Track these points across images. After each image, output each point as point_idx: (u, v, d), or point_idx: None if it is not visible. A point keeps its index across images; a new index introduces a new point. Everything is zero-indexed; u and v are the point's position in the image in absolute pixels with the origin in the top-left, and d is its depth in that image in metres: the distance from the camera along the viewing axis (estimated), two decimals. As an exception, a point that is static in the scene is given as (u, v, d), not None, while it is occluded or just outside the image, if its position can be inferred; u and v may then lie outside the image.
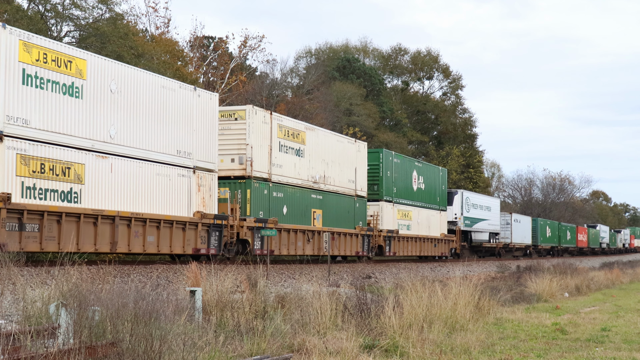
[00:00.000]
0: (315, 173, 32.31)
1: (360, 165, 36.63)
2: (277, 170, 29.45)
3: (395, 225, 40.61)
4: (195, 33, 55.99)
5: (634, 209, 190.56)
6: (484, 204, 58.59)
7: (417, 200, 43.96)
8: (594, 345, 15.07)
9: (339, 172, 34.46)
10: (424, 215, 44.95)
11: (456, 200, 52.63)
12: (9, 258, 13.58)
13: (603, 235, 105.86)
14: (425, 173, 45.92)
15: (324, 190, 32.94)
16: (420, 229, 44.28)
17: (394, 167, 40.94)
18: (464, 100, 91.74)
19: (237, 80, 52.98)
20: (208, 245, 25.23)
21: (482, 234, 58.28)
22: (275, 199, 29.26)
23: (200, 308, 14.09)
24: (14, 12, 36.11)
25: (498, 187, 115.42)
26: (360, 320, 14.67)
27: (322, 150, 32.98)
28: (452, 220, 51.99)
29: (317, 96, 61.33)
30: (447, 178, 50.21)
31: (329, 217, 33.26)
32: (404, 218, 42.12)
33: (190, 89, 25.00)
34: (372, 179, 38.98)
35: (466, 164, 79.23)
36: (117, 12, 43.13)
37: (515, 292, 26.42)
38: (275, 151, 29.41)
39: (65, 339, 9.95)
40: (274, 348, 11.87)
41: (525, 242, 70.79)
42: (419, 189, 44.47)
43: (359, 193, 36.26)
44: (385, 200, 39.75)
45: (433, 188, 47.03)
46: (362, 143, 37.66)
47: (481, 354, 13.44)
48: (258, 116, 28.36)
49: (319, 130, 33.52)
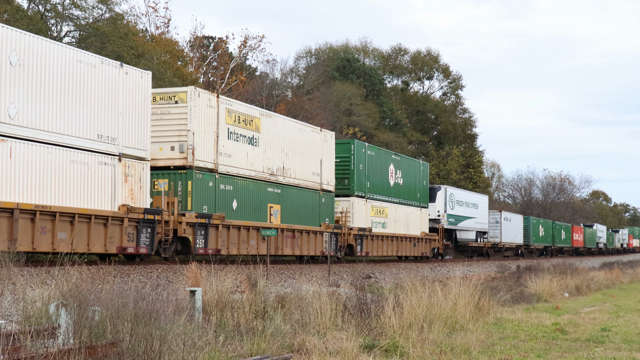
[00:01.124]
0: (273, 164, 29.20)
1: (327, 156, 33.65)
2: (225, 160, 26.49)
3: (368, 222, 37.53)
4: (195, 33, 56.08)
5: (634, 209, 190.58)
6: (470, 200, 55.60)
7: (393, 196, 40.89)
8: (594, 345, 15.07)
9: (301, 164, 31.34)
10: (401, 212, 41.89)
11: (439, 197, 49.78)
12: (9, 258, 13.58)
13: (600, 235, 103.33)
14: (404, 167, 42.74)
15: (283, 183, 29.92)
16: (397, 227, 41.23)
17: (367, 159, 37.75)
18: (464, 100, 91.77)
19: (237, 80, 53.00)
20: (137, 244, 22.37)
21: (469, 232, 55.48)
22: (223, 192, 26.33)
23: (200, 308, 14.09)
24: (14, 12, 36.13)
25: (498, 187, 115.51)
26: (360, 320, 14.67)
27: (280, 139, 29.87)
28: (435, 218, 49.06)
29: (317, 96, 61.34)
30: (428, 173, 46.96)
31: (288, 213, 30.22)
32: (379, 215, 38.97)
33: (115, 65, 21.91)
34: (341, 172, 36.19)
35: (466, 164, 79.22)
36: (117, 12, 43.18)
37: (515, 292, 26.42)
38: (223, 139, 26.39)
39: (65, 339, 9.95)
40: (274, 348, 11.87)
41: (517, 242, 68.09)
42: (396, 184, 41.34)
43: (325, 187, 33.28)
44: (357, 196, 36.73)
45: (412, 183, 43.98)
46: (328, 133, 34.39)
47: (481, 354, 13.44)
48: (202, 99, 25.48)
49: (276, 116, 30.34)
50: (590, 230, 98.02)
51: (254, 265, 18.98)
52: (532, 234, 72.48)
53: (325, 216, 33.28)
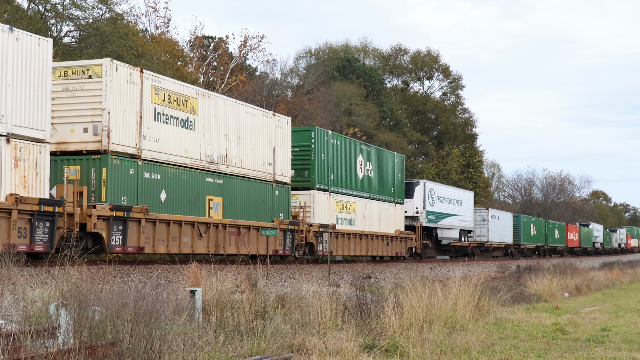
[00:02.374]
0: (213, 151, 26.05)
1: (282, 144, 30.27)
2: (151, 145, 23.24)
3: (332, 219, 34.22)
4: (195, 33, 56.10)
5: (634, 209, 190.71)
6: (453, 197, 52.22)
7: (363, 190, 37.60)
8: (594, 345, 15.07)
9: (249, 152, 28.02)
10: (372, 208, 38.49)
11: (417, 192, 46.42)
12: (9, 258, 13.58)
13: (596, 235, 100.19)
14: (375, 159, 39.32)
15: (225, 173, 26.61)
16: (367, 224, 37.80)
17: (332, 149, 34.48)
18: (464, 100, 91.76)
19: (237, 80, 53.02)
20: (31, 240, 19.11)
21: (451, 231, 51.93)
22: (148, 181, 23.12)
23: (200, 308, 14.09)
24: (13, 12, 36.14)
25: (498, 187, 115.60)
26: (360, 320, 14.68)
27: (223, 122, 26.65)
28: (413, 215, 45.79)
29: (317, 96, 61.35)
30: (403, 166, 43.37)
31: (232, 206, 26.91)
32: (345, 211, 35.66)
33: (2, 29, 18.66)
34: (301, 162, 32.88)
35: (466, 164, 79.23)
36: (117, 12, 43.20)
37: (515, 292, 26.42)
38: (149, 120, 23.17)
39: (65, 339, 9.95)
40: (274, 348, 11.88)
41: (505, 241, 64.44)
42: (366, 177, 37.95)
43: (279, 178, 29.91)
44: (319, 189, 33.31)
45: (386, 177, 40.60)
46: (284, 118, 30.83)
47: (481, 354, 13.44)
48: (121, 73, 22.21)
49: (218, 97, 26.93)
50: (586, 230, 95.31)
51: (254, 265, 18.98)
52: (523, 233, 69.35)
53: (280, 211, 29.92)
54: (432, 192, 47.98)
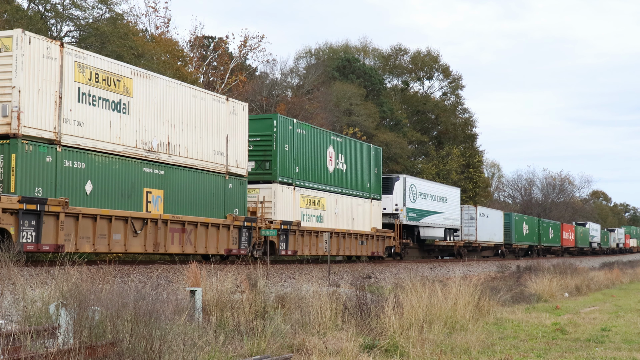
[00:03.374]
0: (152, 138, 23.44)
1: (237, 132, 27.62)
2: (73, 130, 20.65)
3: (297, 215, 31.50)
4: (195, 33, 56.10)
5: (634, 209, 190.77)
6: (437, 193, 49.31)
7: (333, 184, 34.82)
8: (594, 345, 15.08)
9: (196, 140, 25.52)
10: (344, 204, 35.89)
11: (397, 188, 43.58)
12: (9, 258, 13.59)
13: (593, 234, 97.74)
14: (348, 151, 36.52)
15: (167, 163, 24.08)
16: (338, 222, 35.18)
17: (297, 139, 31.72)
18: (464, 100, 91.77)
19: (237, 80, 53.03)
20: None
21: (435, 229, 49.19)
22: (69, 170, 20.56)
23: (200, 308, 14.10)
24: (13, 12, 36.15)
25: (498, 187, 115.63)
26: (360, 320, 14.68)
27: (165, 106, 24.03)
28: (392, 212, 43.10)
29: (317, 96, 61.34)
30: (381, 159, 40.42)
31: (176, 200, 24.38)
32: (313, 207, 32.87)
33: None
34: (261, 153, 30.31)
35: (466, 164, 79.23)
36: (117, 12, 43.20)
37: (515, 292, 26.44)
38: (71, 101, 20.58)
39: (65, 339, 9.95)
40: (274, 348, 11.88)
41: (495, 241, 61.60)
42: (337, 170, 35.22)
43: (233, 170, 27.28)
44: (281, 182, 30.52)
45: (360, 170, 37.84)
46: (239, 104, 27.94)
47: (481, 354, 13.45)
48: (35, 47, 19.67)
49: (159, 78, 24.19)
50: (583, 229, 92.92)
51: (254, 265, 18.97)
52: (515, 232, 66.65)
53: (234, 206, 27.31)
54: (413, 188, 45.29)
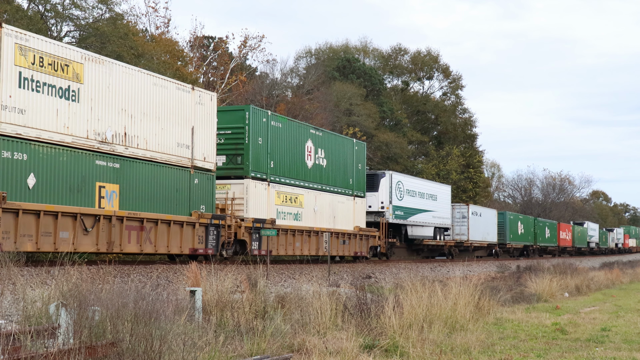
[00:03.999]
0: (106, 128, 21.54)
1: (204, 124, 25.80)
2: (14, 118, 18.94)
3: (271, 212, 29.57)
4: (195, 33, 56.12)
5: (634, 209, 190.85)
6: (426, 190, 47.31)
7: (313, 180, 32.86)
8: (594, 345, 15.08)
9: (157, 131, 23.67)
10: (324, 201, 33.75)
11: (383, 185, 41.62)
12: (9, 258, 13.59)
13: (591, 234, 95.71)
14: (329, 145, 34.54)
15: (124, 155, 22.21)
16: (318, 220, 33.04)
17: (272, 133, 29.84)
18: (464, 100, 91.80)
19: (237, 80, 53.04)
20: None
21: (424, 228, 47.37)
22: (8, 162, 18.84)
23: (200, 308, 14.10)
24: (13, 12, 36.15)
25: (498, 187, 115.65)
26: (360, 320, 14.68)
27: (121, 94, 22.17)
28: (378, 210, 41.20)
29: (317, 96, 61.36)
30: (365, 154, 38.44)
31: (134, 196, 22.56)
32: (289, 204, 30.92)
33: None
34: (233, 147, 28.56)
35: (466, 164, 79.25)
36: (117, 12, 43.21)
37: (515, 292, 26.45)
38: (10, 86, 18.87)
39: (65, 339, 9.96)
40: (274, 348, 11.88)
41: (489, 240, 59.53)
42: (317, 166, 33.23)
43: (199, 164, 25.44)
44: (254, 178, 28.67)
45: (342, 166, 35.83)
46: (206, 93, 26.18)
47: (481, 354, 13.45)
48: None
49: (114, 64, 22.29)
50: (580, 229, 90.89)
51: (254, 265, 18.97)
52: (509, 231, 64.52)
53: (201, 202, 25.55)
54: (400, 185, 43.16)
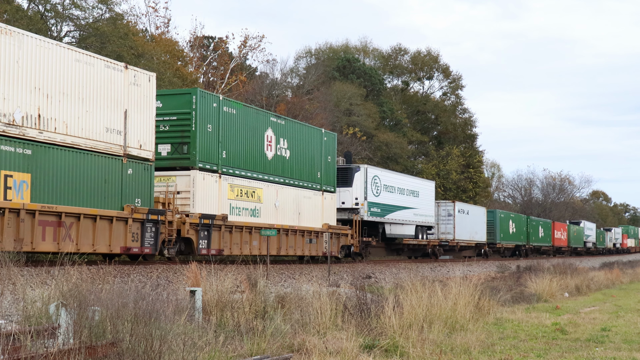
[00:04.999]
0: (14, 109, 18.86)
1: (140, 108, 22.87)
2: None
3: (224, 208, 26.91)
4: (195, 33, 56.13)
5: (634, 209, 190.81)
6: (406, 186, 44.23)
7: (273, 173, 29.96)
8: (594, 345, 15.08)
9: (81, 114, 20.91)
10: (288, 196, 30.92)
11: (358, 179, 38.76)
12: (9, 258, 13.60)
13: (588, 234, 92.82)
14: (292, 135, 31.51)
15: (38, 140, 19.49)
16: (280, 217, 30.15)
17: (225, 119, 27.17)
18: (464, 100, 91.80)
19: (237, 80, 53.05)
20: None
21: (404, 226, 44.32)
22: None
23: (200, 308, 14.10)
24: (13, 12, 36.16)
25: (498, 187, 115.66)
26: (360, 320, 14.69)
27: (33, 71, 19.48)
28: (352, 207, 38.34)
29: (317, 96, 61.36)
30: (335, 146, 35.58)
31: (51, 187, 19.95)
32: (246, 198, 28.09)
33: None
34: (178, 135, 25.96)
35: (466, 164, 79.24)
36: (117, 12, 43.24)
37: (515, 292, 26.45)
38: None
39: (65, 339, 9.96)
40: (274, 348, 11.88)
41: (477, 239, 56.39)
42: (278, 157, 30.33)
43: (134, 153, 22.55)
44: (203, 169, 26.06)
45: (309, 158, 32.83)
46: (144, 73, 23.26)
47: (481, 354, 13.45)
48: None
49: (24, 35, 19.31)
50: (576, 228, 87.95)
51: (254, 265, 18.98)
52: (500, 230, 61.67)
53: (136, 195, 22.78)
54: (377, 179, 40.20)
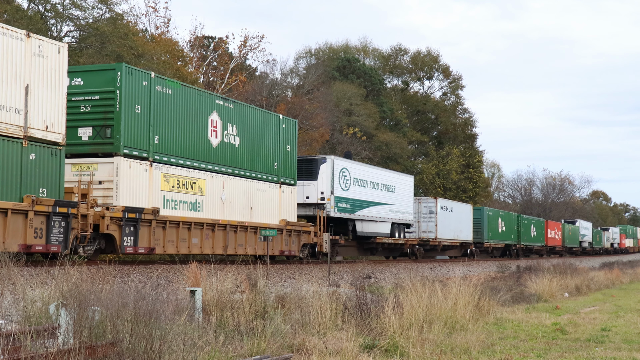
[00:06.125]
0: None
1: (46, 83, 19.99)
2: None
3: (156, 200, 23.82)
4: (195, 33, 56.13)
5: (634, 209, 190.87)
6: (380, 180, 40.85)
7: (219, 162, 27.05)
8: (594, 345, 15.08)
9: None
10: (237, 188, 27.93)
11: (323, 172, 35.35)
12: (9, 258, 13.60)
13: (584, 233, 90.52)
14: (243, 121, 28.55)
15: None
16: (227, 211, 27.19)
17: (158, 100, 24.11)
18: (463, 100, 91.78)
19: (237, 80, 53.04)
20: None
21: (378, 224, 40.60)
22: None
23: (200, 308, 14.10)
24: (13, 12, 36.15)
25: (498, 187, 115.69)
26: (360, 320, 14.69)
27: None
28: (318, 202, 35.10)
29: (317, 96, 61.34)
30: (296, 133, 32.60)
31: None
32: (184, 190, 25.16)
33: None
34: (100, 116, 22.87)
35: (466, 164, 79.23)
36: (117, 12, 43.21)
37: (515, 292, 26.44)
38: None
39: (65, 339, 9.95)
40: (274, 348, 11.88)
41: (462, 239, 53.29)
42: (225, 144, 27.34)
43: (38, 135, 19.64)
44: (129, 156, 22.95)
45: (264, 147, 29.82)
46: (51, 43, 20.10)
47: (481, 354, 13.45)
48: None
49: None
50: (572, 227, 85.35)
51: (254, 265, 18.98)
52: (487, 229, 58.47)
53: (40, 184, 19.79)
54: (345, 172, 36.79)
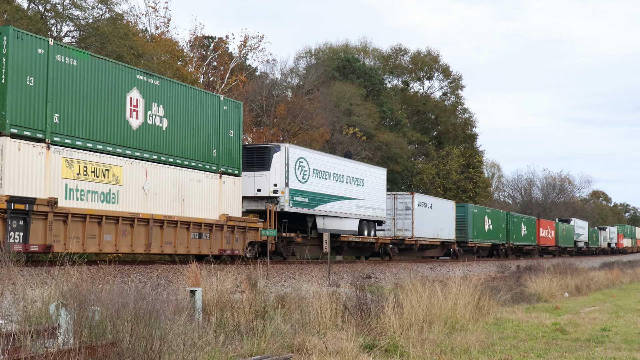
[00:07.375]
0: None
1: None
2: None
3: (55, 189, 20.53)
4: (195, 33, 56.11)
5: (634, 209, 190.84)
6: (346, 172, 36.73)
7: (140, 147, 23.74)
8: (594, 345, 15.08)
9: None
10: (165, 178, 24.65)
11: (277, 162, 31.37)
12: (9, 258, 13.59)
13: (579, 232, 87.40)
14: (172, 100, 25.22)
15: None
16: (151, 204, 23.92)
17: (59, 72, 20.86)
18: (463, 100, 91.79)
19: (237, 80, 53.02)
20: None
21: (343, 220, 36.63)
22: None
23: (200, 308, 14.10)
24: (13, 12, 36.15)
25: (498, 187, 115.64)
26: (360, 320, 14.68)
27: None
28: (270, 195, 31.23)
29: (317, 96, 61.32)
30: (241, 116, 28.95)
31: None
32: (94, 179, 21.82)
33: None
34: None
35: (466, 164, 79.21)
36: (117, 12, 43.20)
37: (515, 292, 26.44)
38: None
39: (65, 339, 9.95)
40: (274, 348, 11.88)
41: (443, 237, 49.13)
42: (149, 126, 24.05)
43: None
44: (18, 136, 19.67)
45: (200, 131, 26.56)
46: None
47: (481, 354, 13.45)
48: None
49: None
50: (566, 226, 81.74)
51: (254, 265, 18.98)
52: (472, 227, 54.34)
53: None
54: (303, 162, 32.82)
